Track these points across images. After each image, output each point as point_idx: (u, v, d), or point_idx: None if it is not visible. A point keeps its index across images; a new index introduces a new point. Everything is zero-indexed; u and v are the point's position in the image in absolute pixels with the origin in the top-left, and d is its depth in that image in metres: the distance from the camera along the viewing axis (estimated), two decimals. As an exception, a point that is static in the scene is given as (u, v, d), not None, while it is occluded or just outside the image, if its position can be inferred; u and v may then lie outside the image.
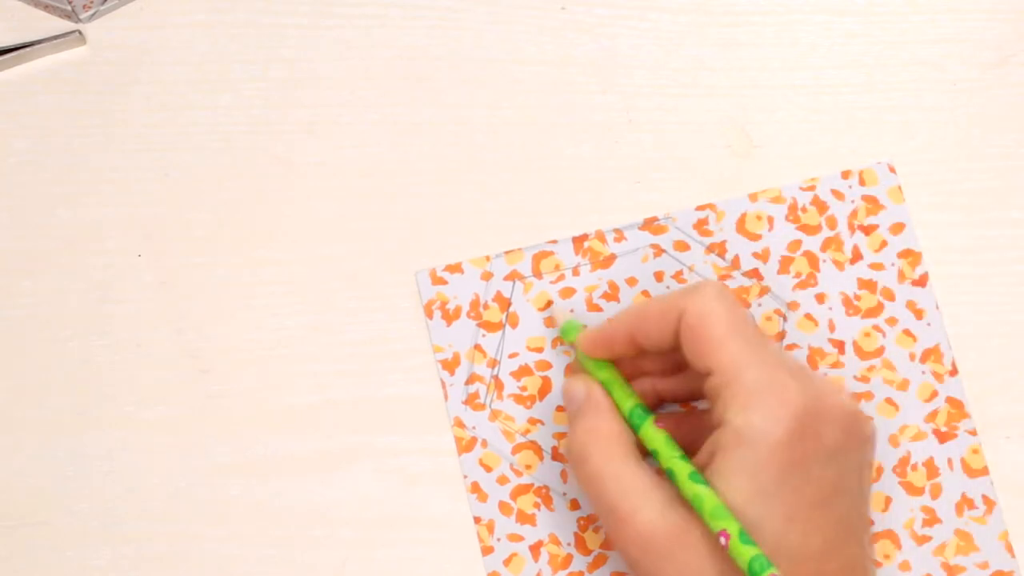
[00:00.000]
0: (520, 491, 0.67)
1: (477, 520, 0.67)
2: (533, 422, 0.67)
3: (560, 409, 0.67)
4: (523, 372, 0.68)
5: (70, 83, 0.70)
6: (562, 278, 0.68)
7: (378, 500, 0.67)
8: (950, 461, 0.67)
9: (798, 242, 0.69)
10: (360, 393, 0.68)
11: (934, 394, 0.67)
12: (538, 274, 0.69)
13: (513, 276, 0.69)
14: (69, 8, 0.70)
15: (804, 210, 0.69)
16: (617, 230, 0.69)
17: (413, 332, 0.68)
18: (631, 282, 0.68)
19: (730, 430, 0.58)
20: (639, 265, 0.68)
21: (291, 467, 0.67)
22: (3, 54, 0.70)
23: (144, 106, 0.70)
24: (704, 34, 0.71)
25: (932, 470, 0.67)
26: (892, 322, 0.68)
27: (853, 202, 0.69)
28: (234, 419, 0.68)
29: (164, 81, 0.70)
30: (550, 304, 0.68)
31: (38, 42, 0.70)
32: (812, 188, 0.69)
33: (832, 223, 0.69)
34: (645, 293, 0.68)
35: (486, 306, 0.68)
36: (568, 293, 0.68)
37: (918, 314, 0.68)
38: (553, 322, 0.68)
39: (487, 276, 0.69)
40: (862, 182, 0.69)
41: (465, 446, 0.67)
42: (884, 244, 0.69)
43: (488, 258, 0.69)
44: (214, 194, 0.70)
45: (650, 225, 0.69)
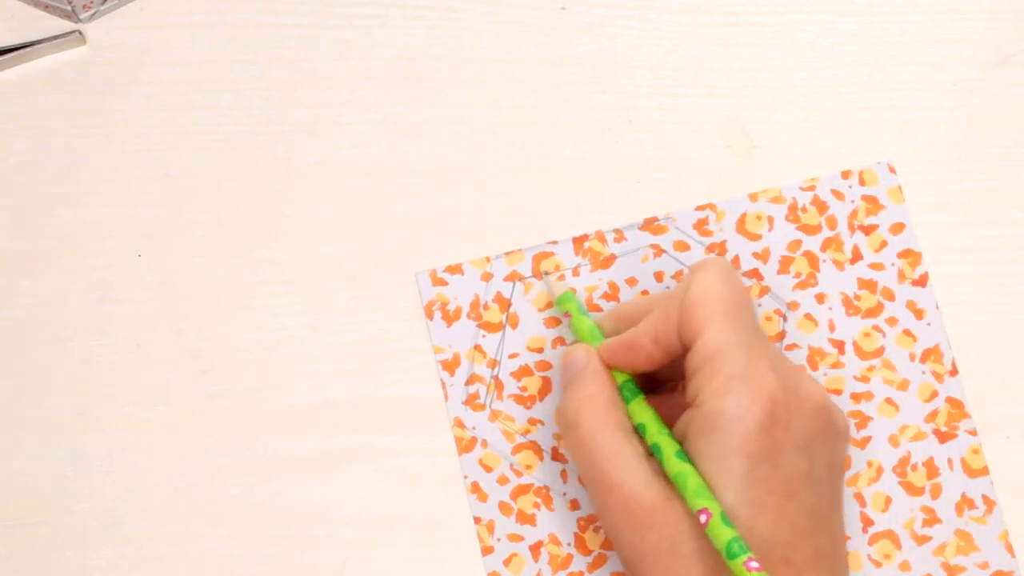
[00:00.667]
0: (520, 491, 0.67)
1: (477, 520, 0.67)
2: (533, 422, 0.67)
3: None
4: (523, 372, 0.68)
5: (70, 83, 0.70)
6: (562, 278, 0.68)
7: (378, 500, 0.67)
8: (950, 461, 0.67)
9: (798, 242, 0.69)
10: (360, 393, 0.68)
11: (934, 394, 0.67)
12: (538, 275, 0.69)
13: (513, 277, 0.69)
14: (69, 8, 0.70)
15: (804, 210, 0.69)
16: (617, 230, 0.69)
17: (413, 332, 0.68)
18: (631, 282, 0.68)
19: (702, 414, 0.59)
20: (639, 265, 0.68)
21: (291, 467, 0.67)
22: (3, 54, 0.70)
23: (144, 106, 0.70)
24: (704, 34, 0.71)
25: (932, 470, 0.67)
26: (892, 322, 0.68)
27: (853, 202, 0.69)
28: (234, 419, 0.68)
29: (164, 81, 0.70)
30: (551, 305, 0.68)
31: (38, 42, 0.70)
32: (812, 188, 0.69)
33: (832, 223, 0.69)
34: (644, 293, 0.68)
35: (486, 307, 0.68)
36: (568, 293, 0.68)
37: (918, 314, 0.68)
38: (549, 293, 0.68)
39: (487, 277, 0.69)
40: (862, 182, 0.69)
41: (465, 446, 0.67)
42: (884, 244, 0.69)
43: (488, 259, 0.69)
44: (214, 194, 0.70)
45: (650, 225, 0.69)
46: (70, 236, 0.69)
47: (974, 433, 0.67)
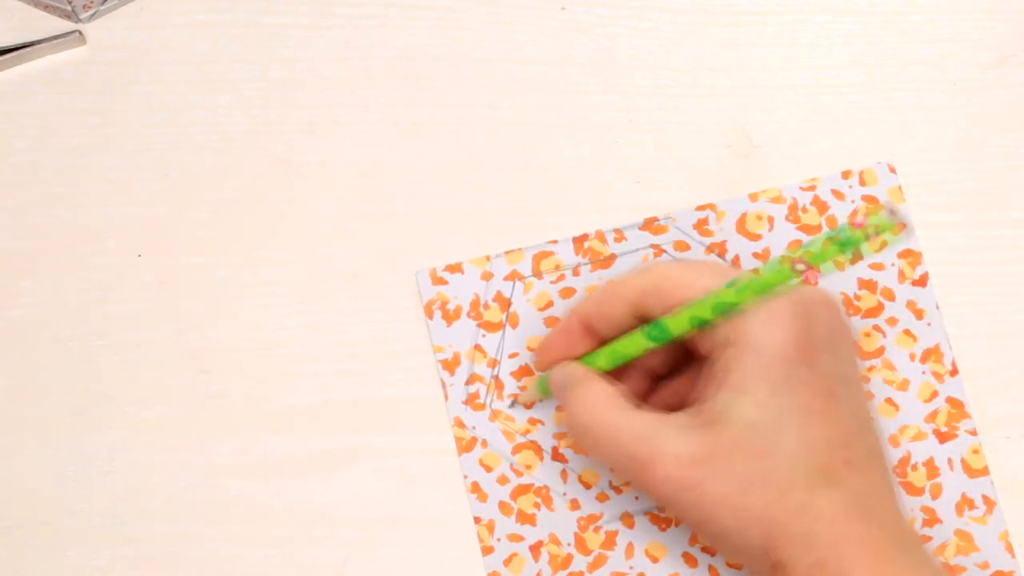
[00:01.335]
0: (520, 491, 0.67)
1: (477, 520, 0.67)
2: (533, 422, 0.67)
3: (560, 409, 0.67)
4: (523, 372, 0.68)
5: (70, 83, 0.70)
6: (562, 278, 0.68)
7: (378, 500, 0.67)
8: (950, 461, 0.67)
9: (798, 242, 0.69)
10: (360, 393, 0.68)
11: (934, 394, 0.68)
12: (538, 274, 0.69)
13: (513, 276, 0.69)
14: (69, 8, 0.70)
15: (804, 210, 0.69)
16: (617, 230, 0.69)
17: (413, 332, 0.68)
18: (631, 282, 0.68)
19: (732, 349, 0.60)
20: (639, 265, 0.68)
21: (291, 467, 0.67)
22: (3, 54, 0.70)
23: (144, 106, 0.70)
24: (704, 34, 0.71)
25: (932, 470, 0.67)
26: (892, 322, 0.68)
27: (853, 202, 0.69)
28: (234, 419, 0.68)
29: (164, 81, 0.70)
30: (551, 304, 0.68)
31: (38, 42, 0.70)
32: (812, 188, 0.69)
33: (832, 223, 0.69)
34: (645, 293, 0.68)
35: (486, 306, 0.68)
36: (568, 293, 0.68)
37: (918, 314, 0.68)
38: (529, 396, 0.68)
39: (487, 276, 0.69)
40: (862, 182, 0.69)
41: (465, 446, 0.67)
42: (884, 244, 0.68)
43: (488, 258, 0.69)
44: (214, 194, 0.70)
45: (650, 225, 0.69)
46: (70, 236, 0.69)
47: (974, 433, 0.67)
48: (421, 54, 0.71)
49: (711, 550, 0.66)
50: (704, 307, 0.60)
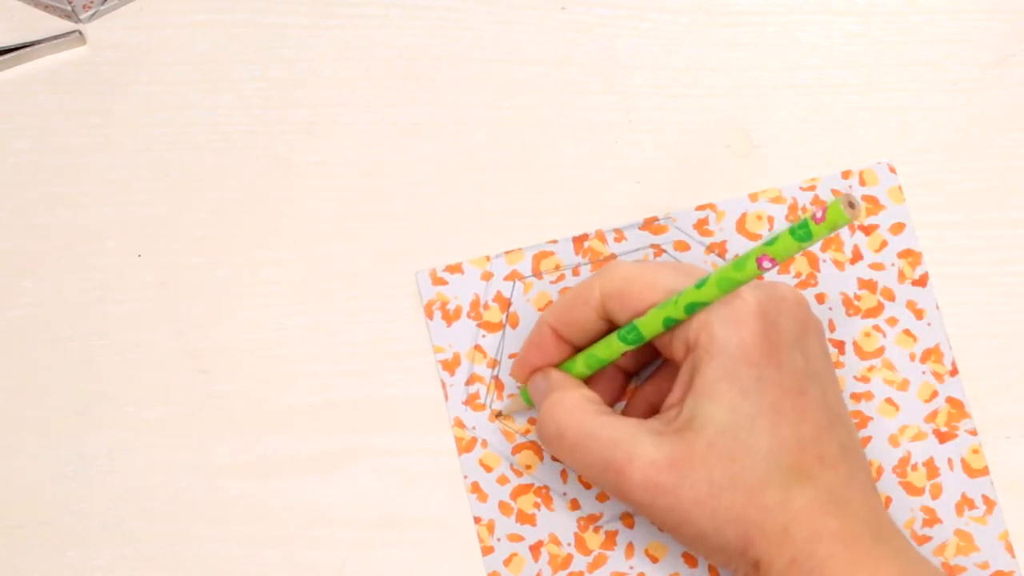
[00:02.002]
0: (520, 491, 0.67)
1: (477, 520, 0.67)
2: (533, 422, 0.67)
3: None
4: (523, 372, 0.68)
5: (70, 83, 0.70)
6: (562, 278, 0.68)
7: (378, 500, 0.67)
8: (950, 461, 0.67)
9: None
10: (360, 393, 0.68)
11: (934, 394, 0.68)
12: (538, 274, 0.69)
13: (513, 276, 0.69)
14: (69, 8, 0.70)
15: (804, 210, 0.69)
16: (617, 230, 0.69)
17: (413, 332, 0.68)
18: (631, 282, 0.68)
19: (699, 352, 0.60)
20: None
21: (291, 467, 0.67)
22: (3, 54, 0.70)
23: (144, 106, 0.70)
24: (704, 34, 0.71)
25: (932, 470, 0.67)
26: (892, 322, 0.68)
27: (853, 202, 0.69)
28: (234, 419, 0.68)
29: (164, 81, 0.70)
30: (551, 304, 0.68)
31: (38, 42, 0.70)
32: (812, 188, 0.69)
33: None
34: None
35: (486, 306, 0.68)
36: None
37: (918, 314, 0.68)
38: (513, 408, 0.68)
39: (487, 276, 0.69)
40: (862, 182, 0.69)
41: (465, 446, 0.67)
42: (884, 244, 0.69)
43: (488, 258, 0.69)
44: (214, 194, 0.70)
45: (650, 225, 0.69)
46: (70, 236, 0.69)
47: (974, 433, 0.67)
48: (421, 54, 0.71)
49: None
50: (676, 308, 0.60)
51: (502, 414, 0.67)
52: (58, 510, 0.67)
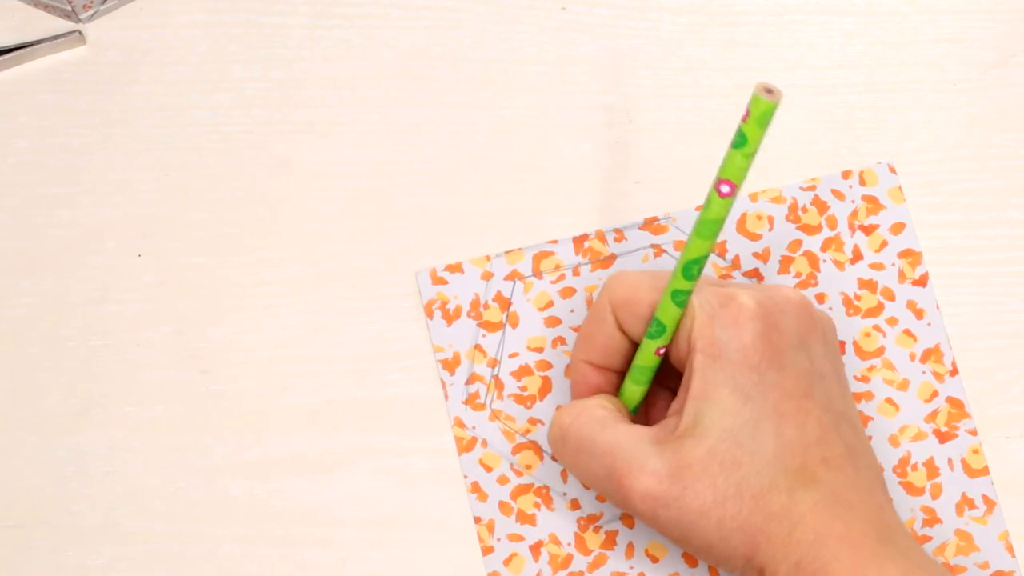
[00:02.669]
0: (520, 491, 0.67)
1: (477, 520, 0.67)
2: (533, 422, 0.67)
3: (560, 408, 0.67)
4: (523, 372, 0.68)
5: (70, 83, 0.70)
6: (562, 278, 0.68)
7: (378, 500, 0.67)
8: (950, 461, 0.67)
9: (798, 242, 0.69)
10: (360, 393, 0.68)
11: (934, 394, 0.68)
12: (538, 274, 0.69)
13: (513, 276, 0.69)
14: (69, 8, 0.70)
15: (804, 210, 0.69)
16: (617, 230, 0.69)
17: (413, 332, 0.68)
18: (631, 282, 0.68)
19: (700, 354, 0.60)
20: (639, 265, 0.68)
21: (291, 467, 0.67)
22: (3, 54, 0.70)
23: (144, 106, 0.70)
24: (704, 34, 0.71)
25: (932, 470, 0.67)
26: (892, 322, 0.68)
27: (853, 202, 0.69)
28: (234, 419, 0.68)
29: (164, 81, 0.70)
30: (551, 304, 0.68)
31: (38, 42, 0.70)
32: (812, 188, 0.69)
33: (832, 223, 0.69)
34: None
35: (486, 306, 0.68)
36: (568, 293, 0.68)
37: (918, 314, 0.68)
38: None
39: (487, 276, 0.69)
40: (862, 182, 0.69)
41: (465, 446, 0.67)
42: (884, 244, 0.69)
43: (488, 258, 0.69)
44: (214, 194, 0.70)
45: (650, 225, 0.69)
46: (70, 236, 0.69)
47: (974, 433, 0.67)
48: (421, 54, 0.71)
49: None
50: (677, 278, 0.60)
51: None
52: (58, 510, 0.67)
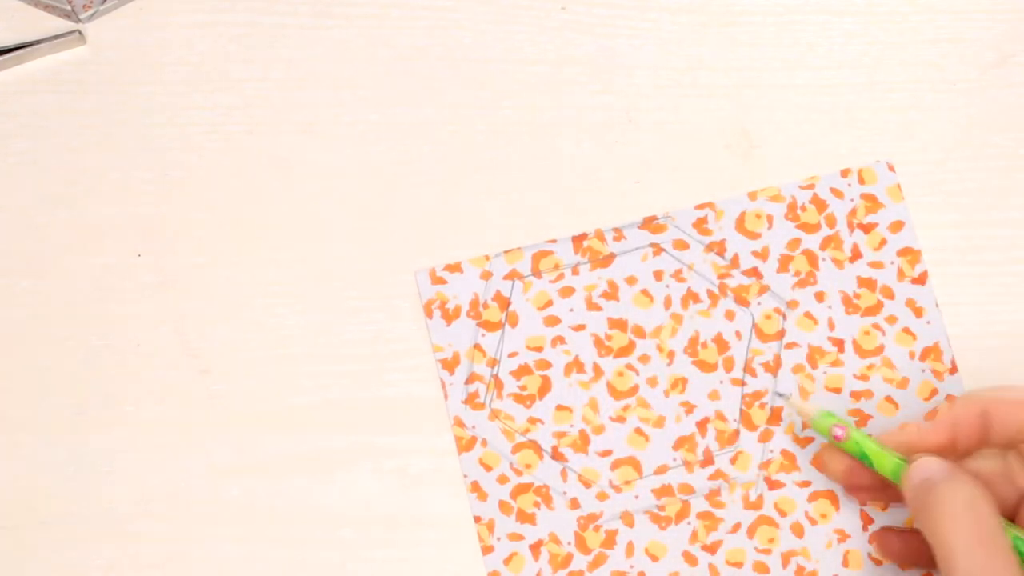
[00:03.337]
0: (520, 490, 0.67)
1: (477, 519, 0.67)
2: (533, 421, 0.67)
3: (560, 408, 0.67)
4: (523, 371, 0.68)
5: (70, 83, 0.71)
6: (561, 277, 0.68)
7: (378, 500, 0.67)
8: (950, 460, 0.67)
9: (797, 240, 0.69)
10: (360, 393, 0.68)
11: (934, 392, 0.67)
12: (537, 273, 0.69)
13: (512, 275, 0.69)
14: (69, 8, 0.70)
15: (803, 208, 0.69)
16: (617, 229, 0.69)
17: (413, 332, 0.68)
18: (631, 281, 0.68)
19: None
20: (639, 264, 0.68)
21: (291, 467, 0.67)
22: (3, 54, 0.70)
23: (144, 106, 0.70)
24: (704, 34, 0.71)
25: (932, 469, 0.67)
26: (892, 320, 0.68)
27: (852, 200, 0.69)
28: (234, 419, 0.68)
29: (164, 81, 0.71)
30: (550, 304, 0.68)
31: (38, 42, 0.70)
32: (811, 187, 0.69)
33: (831, 221, 0.69)
34: (645, 292, 0.68)
35: (486, 305, 0.68)
36: (568, 292, 0.68)
37: (918, 312, 0.68)
38: (805, 416, 0.64)
39: (487, 275, 0.69)
40: (861, 180, 0.69)
41: (465, 445, 0.67)
42: (883, 242, 0.69)
43: (488, 257, 0.69)
44: (214, 194, 0.70)
45: (649, 224, 0.69)
46: (70, 236, 0.69)
47: (974, 432, 0.67)
48: (421, 54, 0.71)
49: (711, 549, 0.66)
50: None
51: (789, 401, 0.66)
52: (58, 510, 0.67)
